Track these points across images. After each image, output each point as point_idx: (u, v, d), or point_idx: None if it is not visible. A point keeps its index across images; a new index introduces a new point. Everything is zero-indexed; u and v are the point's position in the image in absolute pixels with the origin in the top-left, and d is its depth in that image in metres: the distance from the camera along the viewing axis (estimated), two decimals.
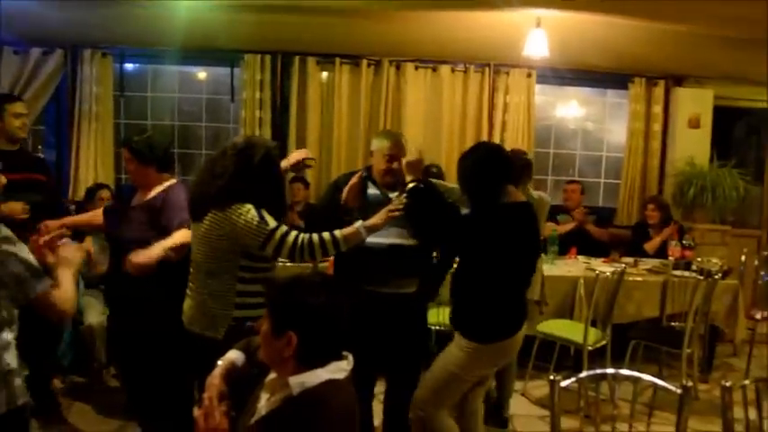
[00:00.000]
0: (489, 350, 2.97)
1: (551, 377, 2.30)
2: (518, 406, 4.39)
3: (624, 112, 6.41)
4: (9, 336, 2.14)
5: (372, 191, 3.28)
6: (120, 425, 3.92)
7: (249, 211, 2.64)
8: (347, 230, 2.75)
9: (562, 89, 6.60)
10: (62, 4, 4.85)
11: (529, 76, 6.07)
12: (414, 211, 3.00)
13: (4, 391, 2.09)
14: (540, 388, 4.57)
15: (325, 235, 2.73)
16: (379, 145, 3.28)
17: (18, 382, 2.16)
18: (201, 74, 6.56)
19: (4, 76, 5.91)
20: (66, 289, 2.20)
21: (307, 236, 2.72)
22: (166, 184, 3.22)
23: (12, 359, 2.14)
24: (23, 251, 2.11)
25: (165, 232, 2.94)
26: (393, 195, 3.30)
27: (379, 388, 3.51)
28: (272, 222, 2.64)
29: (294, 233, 2.70)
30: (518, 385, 4.68)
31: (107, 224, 3.36)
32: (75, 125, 6.02)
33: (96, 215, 3.54)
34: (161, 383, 3.12)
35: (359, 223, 2.79)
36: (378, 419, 3.53)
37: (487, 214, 2.96)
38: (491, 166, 2.98)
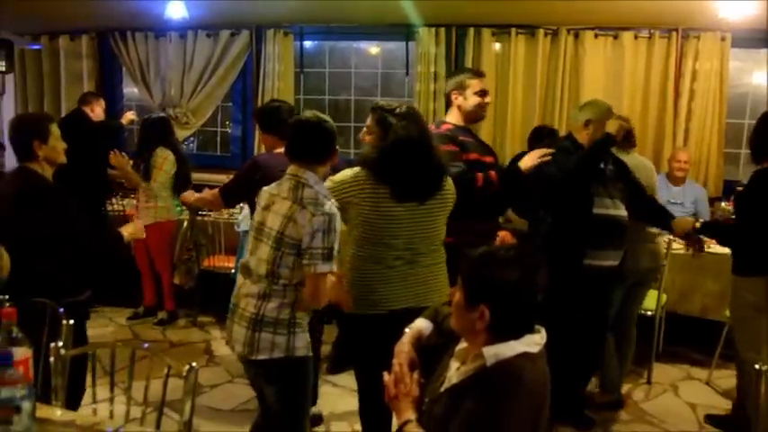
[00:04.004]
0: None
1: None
2: (701, 396, 4.15)
3: None
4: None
5: None
6: None
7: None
8: None
9: (758, 52, 5.98)
10: None
11: (723, 39, 5.57)
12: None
13: (285, 337, 2.47)
14: (727, 378, 4.24)
15: None
16: (599, 111, 3.45)
17: (302, 336, 2.51)
18: (375, 49, 6.68)
19: (198, 57, 6.39)
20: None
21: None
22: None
23: (301, 314, 2.51)
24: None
25: None
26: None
27: None
28: None
29: None
30: (702, 373, 4.42)
31: None
32: (259, 101, 6.34)
33: None
34: None
35: None
36: None
37: None
38: None
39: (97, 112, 5.87)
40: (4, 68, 6.32)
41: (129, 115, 6.12)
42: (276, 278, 2.45)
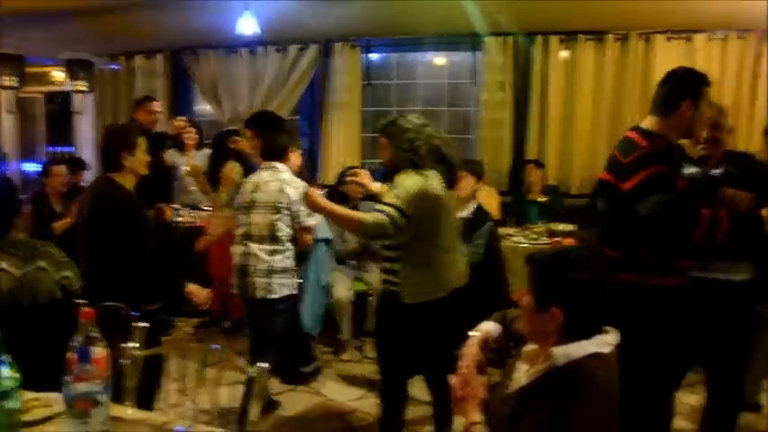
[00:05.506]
0: None
1: None
2: None
3: None
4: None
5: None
6: (361, 394, 4.14)
7: None
8: None
9: None
10: (318, 3, 5.20)
11: None
12: None
13: (290, 279, 3.52)
14: None
15: None
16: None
17: (278, 279, 3.47)
18: (441, 59, 6.68)
19: (269, 72, 6.52)
20: None
21: None
22: None
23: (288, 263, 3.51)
24: None
25: None
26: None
27: None
28: None
29: None
30: None
31: None
32: (325, 114, 6.44)
33: None
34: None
35: None
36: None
37: None
38: None
39: (141, 116, 5.50)
40: (86, 88, 6.58)
41: (175, 123, 5.73)
42: (278, 237, 3.43)
